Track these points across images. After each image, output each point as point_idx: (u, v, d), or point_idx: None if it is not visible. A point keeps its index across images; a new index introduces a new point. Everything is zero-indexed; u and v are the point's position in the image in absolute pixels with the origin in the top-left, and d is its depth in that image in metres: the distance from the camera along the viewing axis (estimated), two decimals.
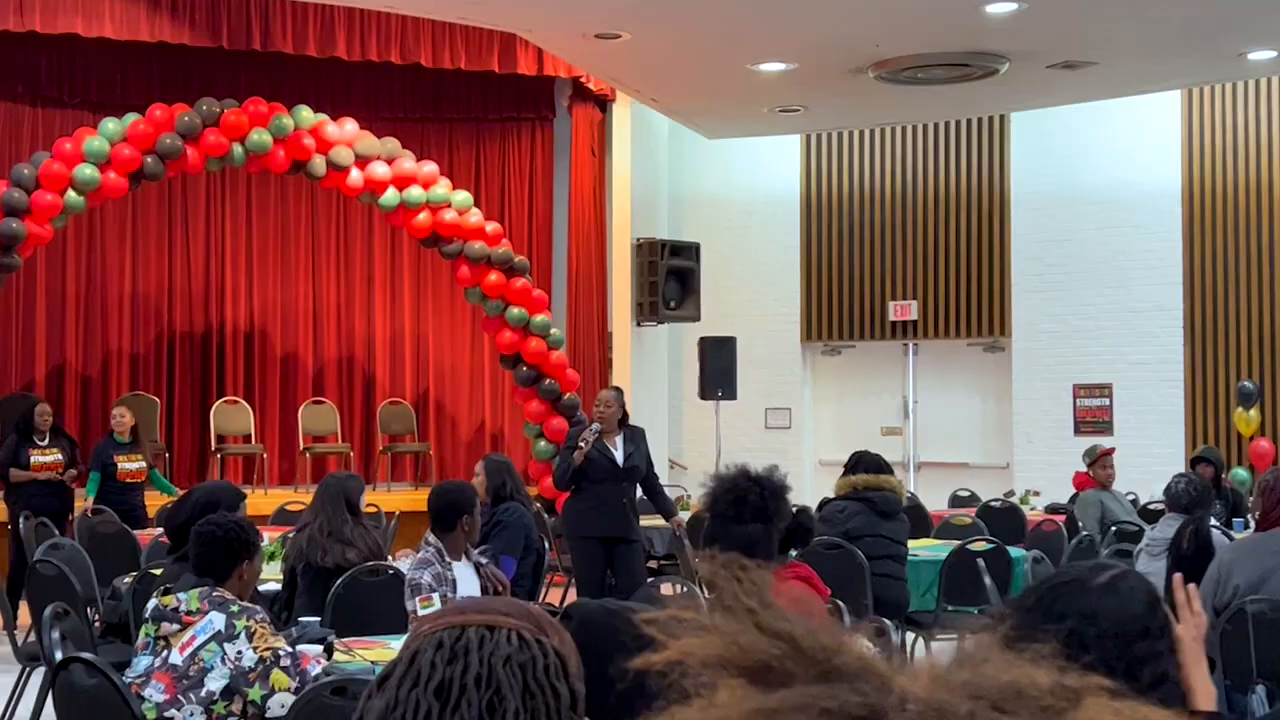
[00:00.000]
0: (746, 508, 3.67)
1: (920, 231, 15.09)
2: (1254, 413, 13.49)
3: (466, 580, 5.83)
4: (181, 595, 4.35)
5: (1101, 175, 14.27)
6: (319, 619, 5.10)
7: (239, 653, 4.23)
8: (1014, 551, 8.20)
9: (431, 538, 5.81)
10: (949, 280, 14.96)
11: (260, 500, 11.37)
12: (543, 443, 12.65)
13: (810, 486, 15.39)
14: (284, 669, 4.24)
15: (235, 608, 4.31)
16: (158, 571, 6.53)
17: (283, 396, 14.02)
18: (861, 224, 15.34)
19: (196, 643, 4.26)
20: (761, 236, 15.66)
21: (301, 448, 13.39)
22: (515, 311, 12.46)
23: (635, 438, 8.81)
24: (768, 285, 15.59)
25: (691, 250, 14.27)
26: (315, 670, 4.30)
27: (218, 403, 13.44)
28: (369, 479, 13.70)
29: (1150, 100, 13.68)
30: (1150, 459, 13.48)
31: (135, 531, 8.97)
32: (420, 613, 5.26)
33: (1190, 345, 13.94)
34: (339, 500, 6.81)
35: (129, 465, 10.22)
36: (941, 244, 15.00)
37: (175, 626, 4.30)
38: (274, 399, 14.04)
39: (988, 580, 6.67)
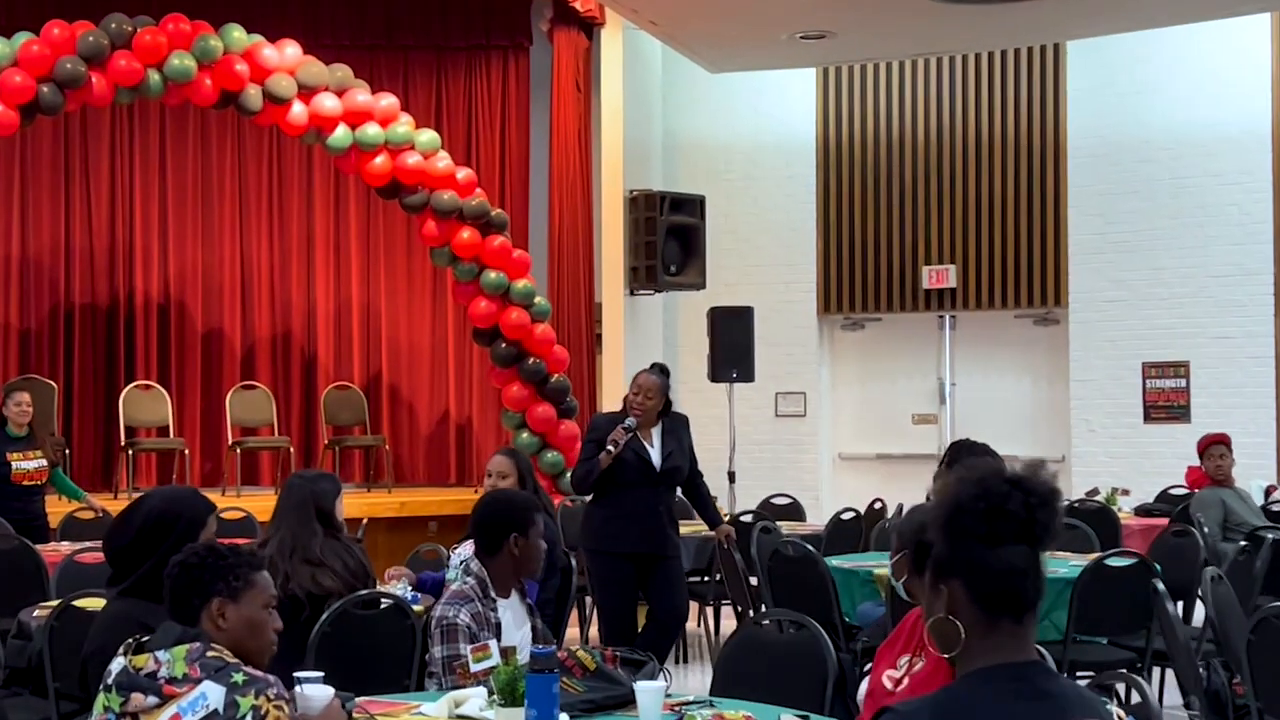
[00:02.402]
0: (1005, 524, 2.63)
1: (959, 184, 14.31)
2: None
3: (513, 623, 4.84)
4: (162, 655, 3.33)
5: (1175, 116, 13.54)
6: (320, 674, 4.08)
7: None
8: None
9: (474, 563, 4.82)
10: (993, 241, 14.22)
11: None
12: (525, 434, 11.70)
13: (829, 485, 14.60)
14: None
15: (239, 676, 3.30)
16: (88, 604, 5.55)
17: (205, 381, 13.27)
18: (889, 175, 14.54)
19: None
20: (771, 190, 14.82)
21: (230, 442, 12.56)
22: (492, 276, 11.55)
23: (677, 430, 7.88)
24: (778, 247, 14.75)
25: (695, 204, 13.33)
26: None
27: (127, 388, 12.69)
28: None
29: (1234, 24, 12.96)
30: (1235, 448, 12.70)
31: (38, 546, 8.02)
32: (474, 666, 4.27)
33: None
34: (306, 508, 5.84)
35: (26, 464, 9.42)
36: (984, 198, 14.23)
37: (152, 700, 3.29)
38: (195, 384, 13.30)
39: (1172, 608, 5.74)
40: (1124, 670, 5.51)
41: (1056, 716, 2.46)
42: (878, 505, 10.67)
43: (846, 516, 9.91)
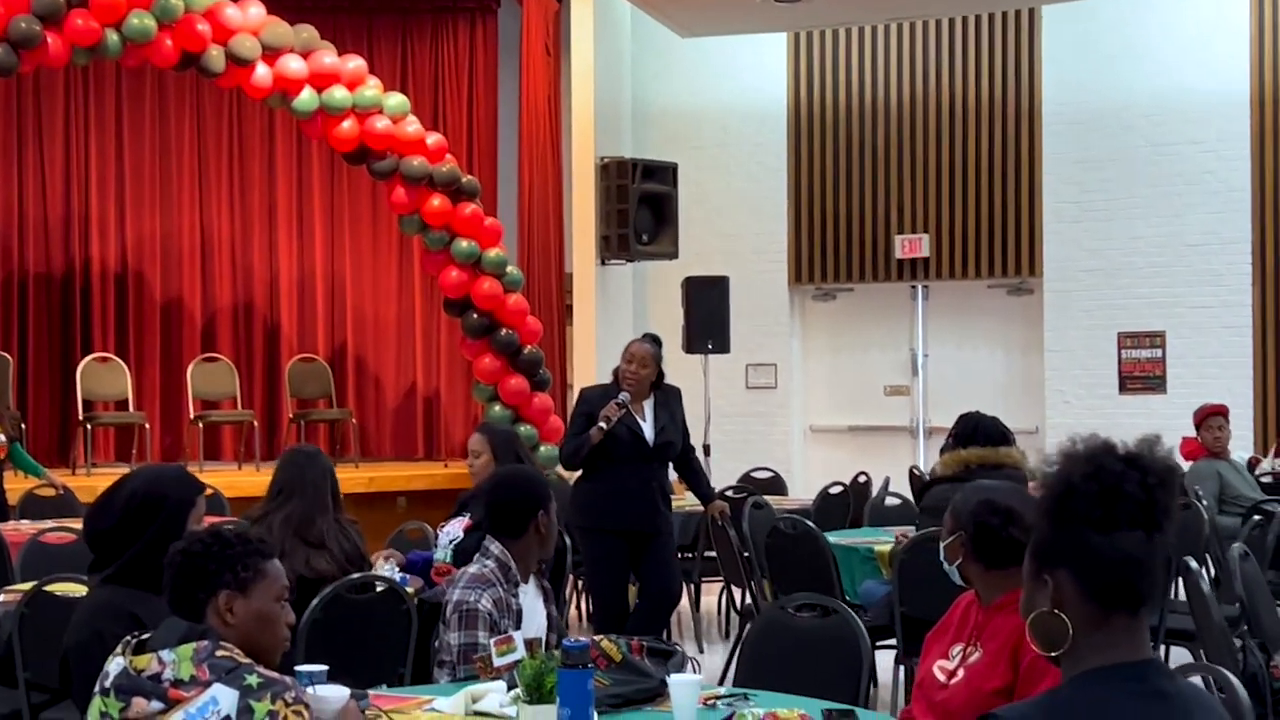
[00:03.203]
0: (1122, 506, 2.30)
1: (933, 151, 14.02)
2: None
3: (533, 610, 4.50)
4: (166, 654, 2.96)
5: (1153, 81, 13.29)
6: (324, 668, 3.72)
7: None
8: None
9: (495, 545, 4.46)
10: (967, 210, 13.94)
11: None
12: (497, 407, 11.33)
13: (800, 458, 14.31)
14: None
15: (253, 679, 2.94)
16: (62, 589, 5.17)
17: (165, 353, 12.86)
18: (861, 142, 14.23)
19: None
20: (741, 157, 14.50)
21: (191, 416, 12.09)
22: (464, 245, 11.16)
23: (669, 403, 7.54)
24: (749, 216, 14.44)
25: (667, 172, 12.98)
26: None
27: (84, 361, 12.27)
28: (274, 453, 12.34)
29: None
30: None
31: None
32: (497, 660, 3.91)
33: (1261, 285, 13.02)
34: (323, 485, 5.61)
35: None
36: (958, 166, 13.94)
37: (156, 705, 2.92)
38: (154, 356, 12.91)
39: (1207, 587, 5.42)
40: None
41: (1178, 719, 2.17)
42: (862, 479, 10.39)
43: (835, 491, 9.61)
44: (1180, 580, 6.46)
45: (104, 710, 2.99)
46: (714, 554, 8.93)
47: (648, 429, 7.38)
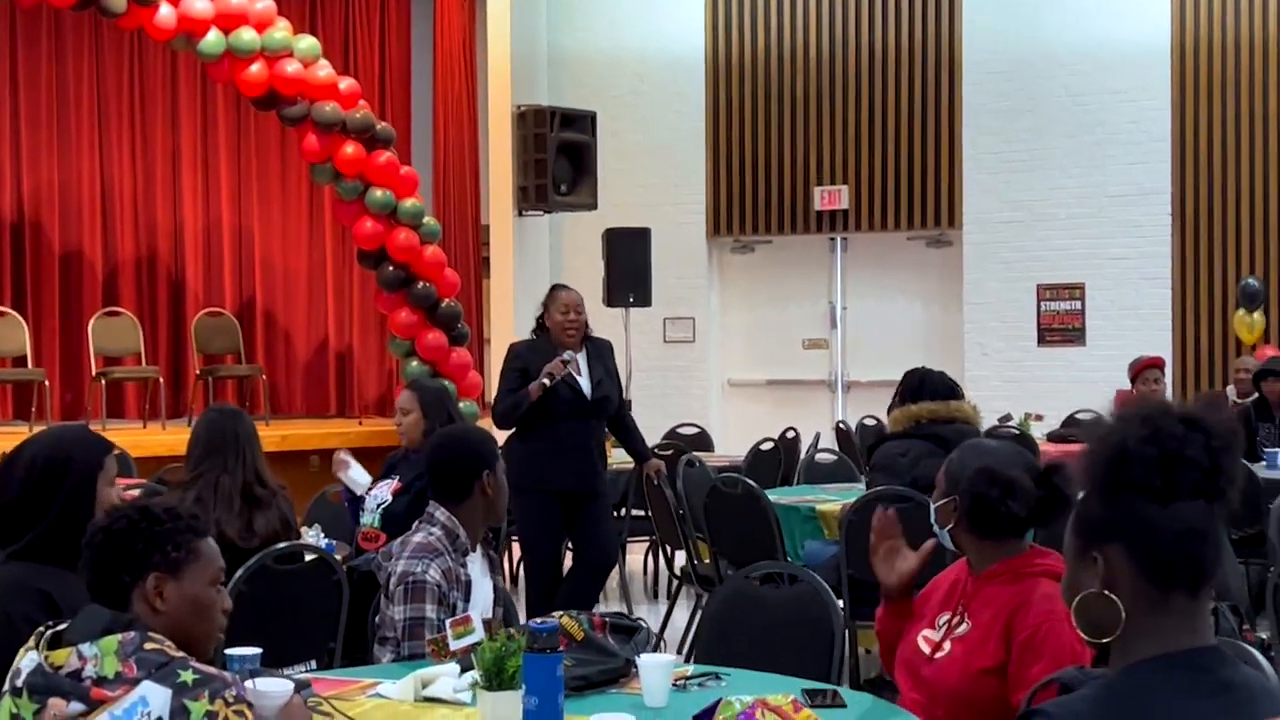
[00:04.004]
0: (1185, 474, 1.99)
1: (852, 101, 13.74)
2: (1258, 316, 12.42)
3: (480, 582, 4.13)
4: (87, 649, 2.56)
5: (1074, 30, 13.09)
6: (257, 650, 3.32)
7: None
8: None
9: (440, 511, 4.08)
10: (886, 161, 13.70)
11: None
12: (415, 363, 10.90)
13: (718, 413, 14.02)
14: None
15: (188, 675, 2.55)
16: None
17: (65, 307, 12.19)
18: (780, 93, 13.90)
19: None
20: (659, 107, 14.14)
21: (93, 372, 11.50)
22: (379, 194, 10.69)
23: (603, 356, 7.23)
24: (666, 167, 14.09)
25: (586, 120, 12.54)
26: None
27: None
28: (180, 411, 11.86)
29: None
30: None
31: None
32: (454, 643, 3.53)
33: (1181, 236, 12.87)
34: (253, 445, 5.16)
35: None
36: (878, 117, 13.68)
37: (76, 707, 2.53)
38: (53, 310, 12.29)
39: None
40: None
41: (1244, 716, 1.89)
42: (790, 434, 10.10)
43: (765, 447, 9.30)
44: None
45: (14, 712, 2.59)
46: (640, 513, 8.64)
47: (584, 383, 7.05)
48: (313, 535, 5.73)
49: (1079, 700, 1.96)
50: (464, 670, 3.56)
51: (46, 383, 11.28)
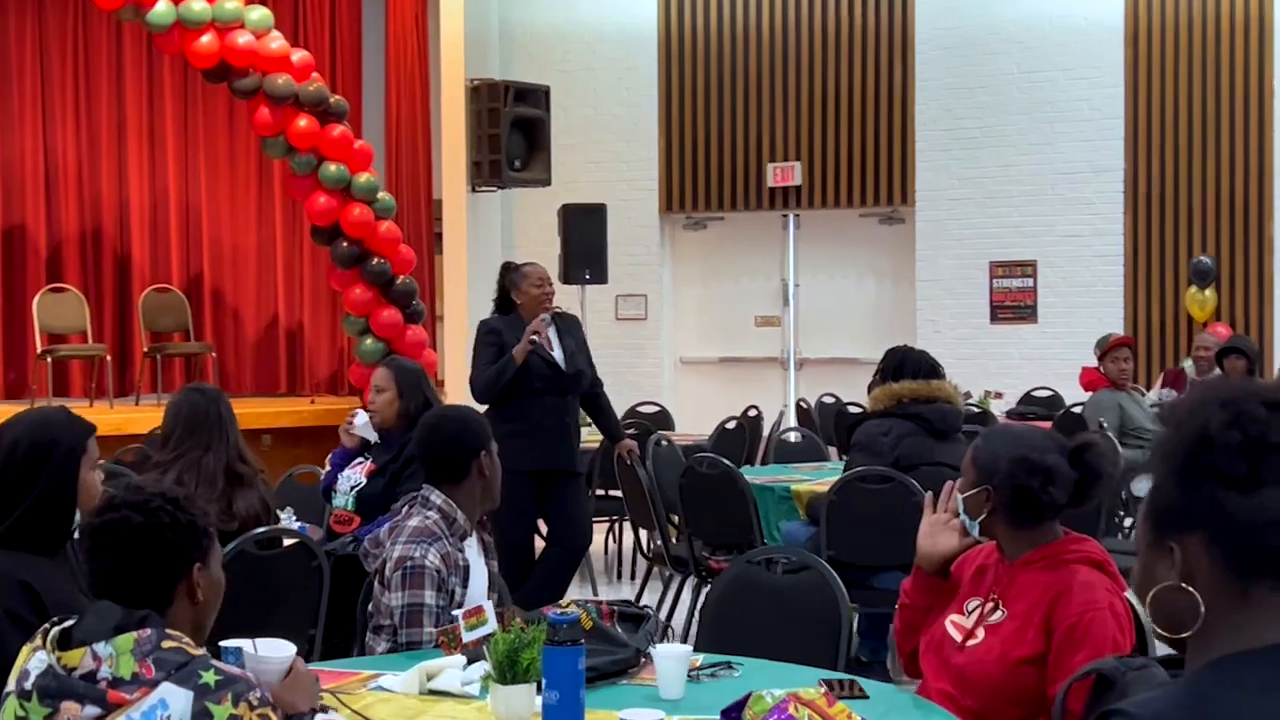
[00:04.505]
0: (1269, 459, 1.85)
1: (805, 78, 13.59)
2: (1209, 293, 12.42)
3: (477, 567, 3.96)
4: (102, 648, 2.38)
5: (1025, 7, 13.02)
6: (248, 642, 3.14)
7: None
8: None
9: (436, 495, 3.91)
10: (839, 138, 13.57)
11: None
12: (369, 340, 10.66)
13: (670, 390, 13.87)
14: None
15: (210, 676, 2.37)
16: None
17: (8, 283, 11.87)
18: (733, 69, 13.74)
19: None
20: (611, 82, 13.95)
21: (39, 350, 11.17)
22: (332, 169, 10.43)
23: (572, 330, 7.05)
24: (619, 143, 13.93)
25: (540, 95, 12.30)
26: None
27: None
28: (127, 389, 11.57)
29: None
30: (1081, 349, 12.36)
31: None
32: (467, 635, 3.36)
33: (1134, 214, 12.83)
34: (228, 427, 4.96)
35: None
36: (830, 94, 13.54)
37: (92, 711, 2.34)
38: None
39: None
40: None
41: None
42: (753, 413, 9.97)
43: (730, 426, 9.17)
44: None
45: (21, 715, 2.40)
46: (603, 492, 8.50)
47: (558, 356, 6.89)
48: (285, 518, 5.54)
49: (1161, 699, 1.83)
50: (470, 662, 3.41)
51: None
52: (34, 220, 11.99)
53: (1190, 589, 1.80)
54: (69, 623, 2.50)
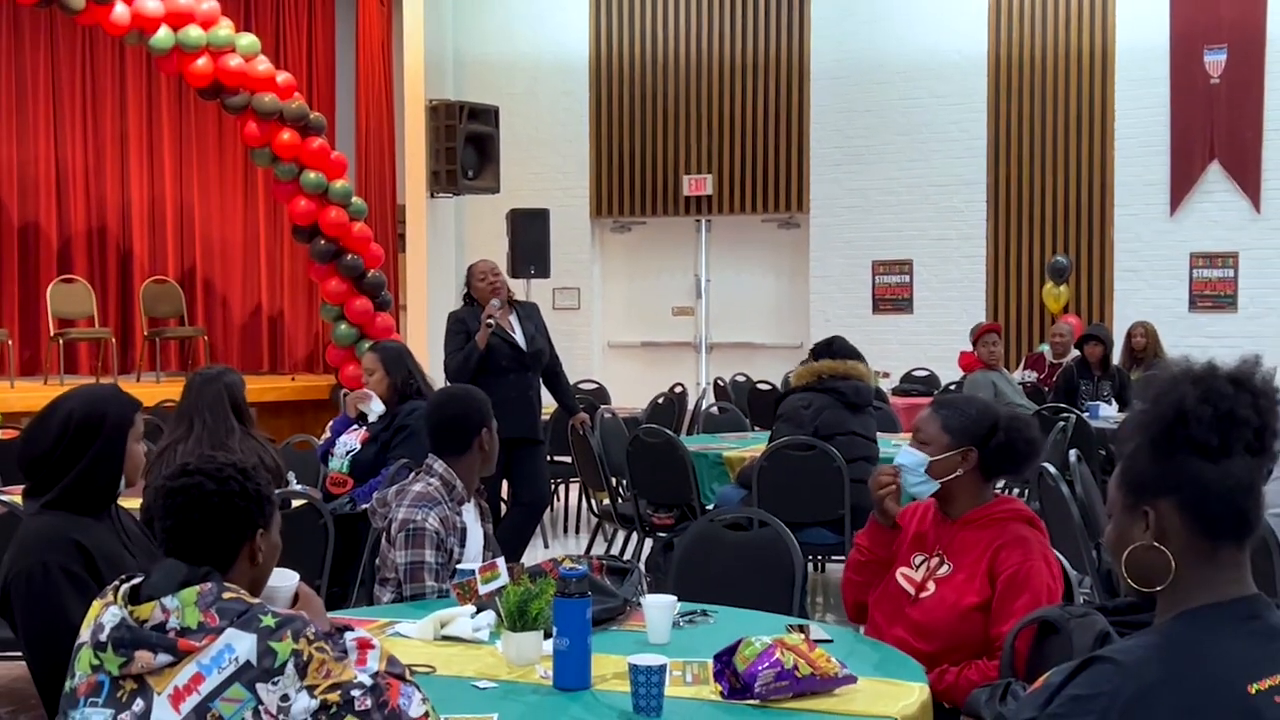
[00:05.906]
0: (1238, 431, 1.81)
1: (716, 101, 13.48)
2: (1064, 289, 12.50)
3: (474, 528, 3.85)
4: (170, 601, 2.24)
5: (906, 43, 12.97)
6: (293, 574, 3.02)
7: (285, 701, 2.19)
8: None
9: (439, 464, 3.79)
10: (745, 153, 13.46)
11: (6, 395, 8.99)
12: (344, 326, 10.45)
13: (599, 370, 13.78)
14: (362, 717, 2.23)
15: (269, 619, 2.24)
16: None
17: (24, 274, 11.47)
18: (654, 92, 13.60)
19: (204, 687, 2.19)
20: (549, 103, 13.76)
21: (51, 333, 10.82)
22: (312, 176, 10.18)
23: (532, 315, 6.93)
24: (556, 156, 13.75)
25: (490, 114, 12.14)
26: (414, 708, 2.28)
27: None
28: (129, 368, 11.29)
29: None
30: (951, 336, 12.49)
31: None
32: (483, 587, 3.26)
33: (995, 221, 12.85)
34: (221, 403, 4.73)
35: None
36: (738, 115, 13.44)
37: (164, 659, 2.21)
38: (12, 276, 11.62)
39: (1067, 490, 5.03)
40: None
41: None
42: (678, 390, 9.89)
43: (661, 400, 9.08)
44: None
45: (96, 664, 2.26)
46: (550, 458, 8.39)
47: (519, 337, 6.79)
48: (290, 482, 5.38)
49: (1140, 647, 1.78)
50: (478, 611, 3.30)
51: (10, 343, 10.67)
52: (46, 219, 11.63)
53: (1163, 548, 1.76)
54: (137, 580, 2.36)
